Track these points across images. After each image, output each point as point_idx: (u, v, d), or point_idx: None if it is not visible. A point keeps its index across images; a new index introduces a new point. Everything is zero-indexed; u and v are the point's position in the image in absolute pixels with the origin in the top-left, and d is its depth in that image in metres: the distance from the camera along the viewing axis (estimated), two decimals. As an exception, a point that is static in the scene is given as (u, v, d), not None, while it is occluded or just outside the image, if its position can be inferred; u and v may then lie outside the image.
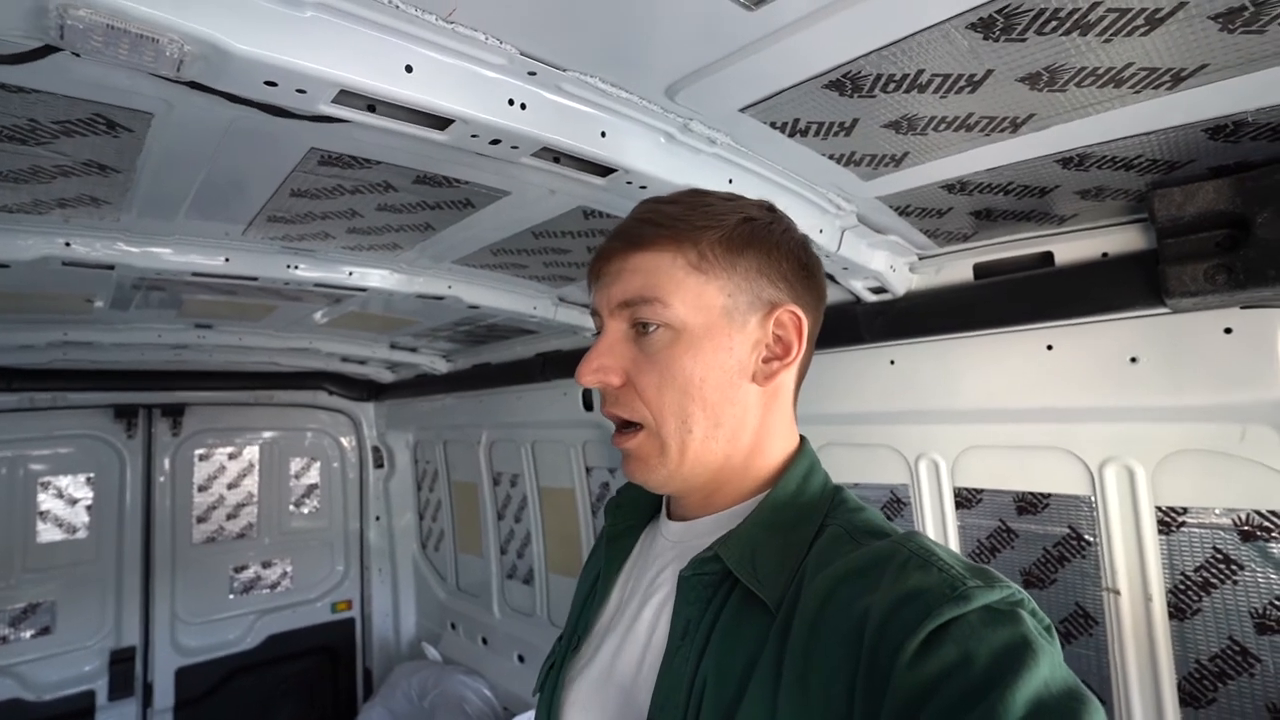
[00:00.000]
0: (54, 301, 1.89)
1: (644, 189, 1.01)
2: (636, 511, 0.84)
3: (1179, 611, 1.23)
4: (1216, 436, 1.17)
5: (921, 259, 1.49)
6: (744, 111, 0.91)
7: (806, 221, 1.16)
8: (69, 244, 1.33)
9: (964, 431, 1.50)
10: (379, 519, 3.90)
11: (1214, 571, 1.19)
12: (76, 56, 0.69)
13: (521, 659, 3.02)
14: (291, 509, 3.67)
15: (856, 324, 1.54)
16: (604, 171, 0.98)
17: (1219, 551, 1.18)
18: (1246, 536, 1.16)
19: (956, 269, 1.44)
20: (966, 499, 1.53)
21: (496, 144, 0.87)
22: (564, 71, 0.82)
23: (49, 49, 0.69)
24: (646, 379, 0.67)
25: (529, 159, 0.92)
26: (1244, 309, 1.09)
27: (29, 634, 2.89)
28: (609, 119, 0.91)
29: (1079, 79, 0.80)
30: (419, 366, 3.14)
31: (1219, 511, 1.18)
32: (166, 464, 3.31)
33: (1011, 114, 0.89)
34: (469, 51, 0.77)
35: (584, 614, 0.82)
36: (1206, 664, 1.20)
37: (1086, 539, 1.35)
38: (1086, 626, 1.35)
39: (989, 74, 0.80)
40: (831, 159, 1.06)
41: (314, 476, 3.76)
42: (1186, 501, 1.22)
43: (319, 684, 3.67)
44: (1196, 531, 1.21)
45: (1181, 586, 1.23)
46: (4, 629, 2.84)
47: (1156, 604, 1.24)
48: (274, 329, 2.52)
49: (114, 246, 1.38)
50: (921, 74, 0.80)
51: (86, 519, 3.07)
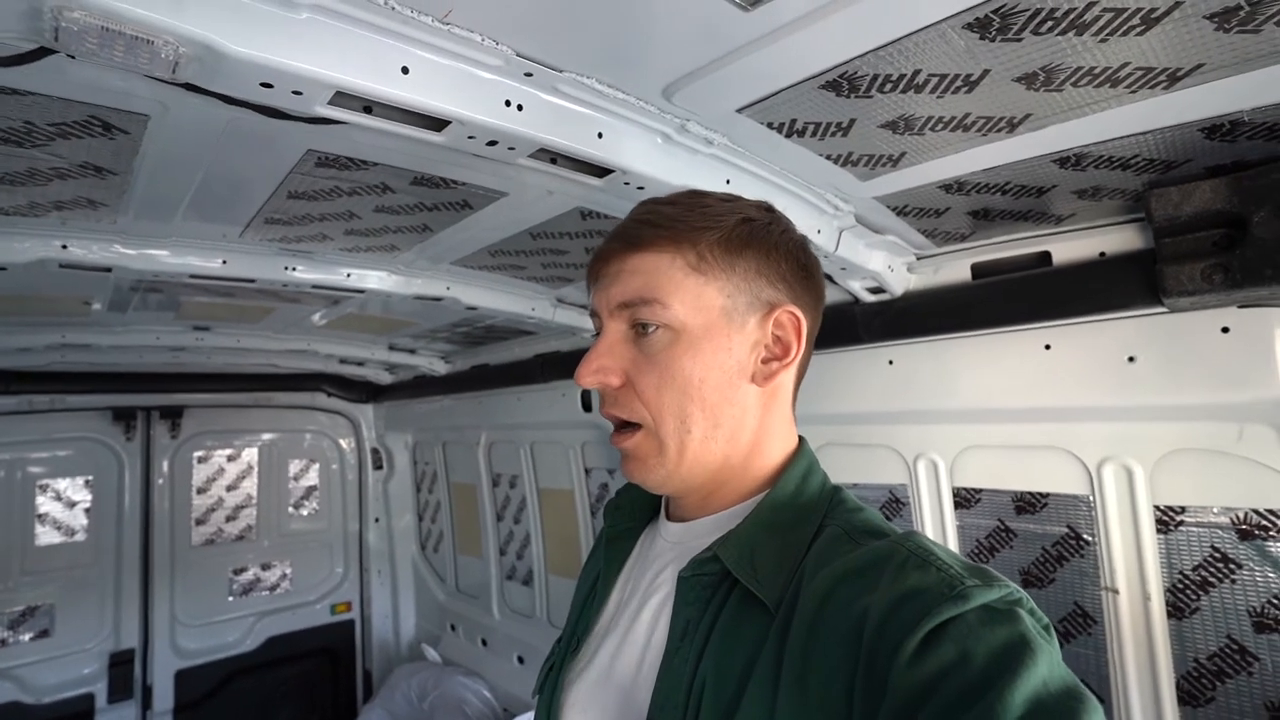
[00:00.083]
0: (52, 304, 1.89)
1: (641, 190, 1.00)
2: (635, 513, 0.84)
3: (1177, 610, 1.23)
4: (1214, 435, 1.17)
5: (919, 259, 1.49)
6: (741, 112, 0.91)
7: (804, 222, 1.16)
8: (66, 246, 1.32)
9: (962, 431, 1.50)
10: (378, 520, 3.90)
11: (1212, 570, 1.19)
12: (72, 59, 0.70)
13: (521, 660, 3.02)
14: (290, 511, 3.67)
15: (855, 324, 1.54)
16: (601, 172, 0.98)
17: (1217, 550, 1.19)
18: (1244, 535, 1.16)
19: (954, 269, 1.44)
20: (965, 499, 1.53)
21: (493, 145, 0.87)
22: (560, 72, 0.82)
23: (44, 51, 0.69)
24: (646, 380, 0.67)
25: (526, 160, 0.92)
26: (1241, 308, 1.09)
27: (28, 637, 2.88)
28: (606, 120, 0.91)
29: (1075, 79, 0.80)
30: (417, 368, 3.14)
31: (1217, 510, 1.19)
32: (165, 466, 3.31)
33: (1008, 114, 0.89)
34: (465, 53, 0.77)
35: (583, 615, 0.82)
36: (1205, 663, 1.20)
37: (1085, 538, 1.35)
38: (1085, 626, 1.35)
39: (985, 74, 0.80)
40: (829, 159, 1.06)
41: (313, 478, 3.76)
42: (1185, 501, 1.22)
43: (319, 686, 3.66)
44: (1195, 530, 1.21)
45: (1180, 585, 1.23)
46: (3, 632, 2.83)
47: (1155, 603, 1.25)
48: (272, 331, 2.51)
49: (111, 249, 1.38)
50: (918, 74, 0.80)
51: (85, 521, 3.07)
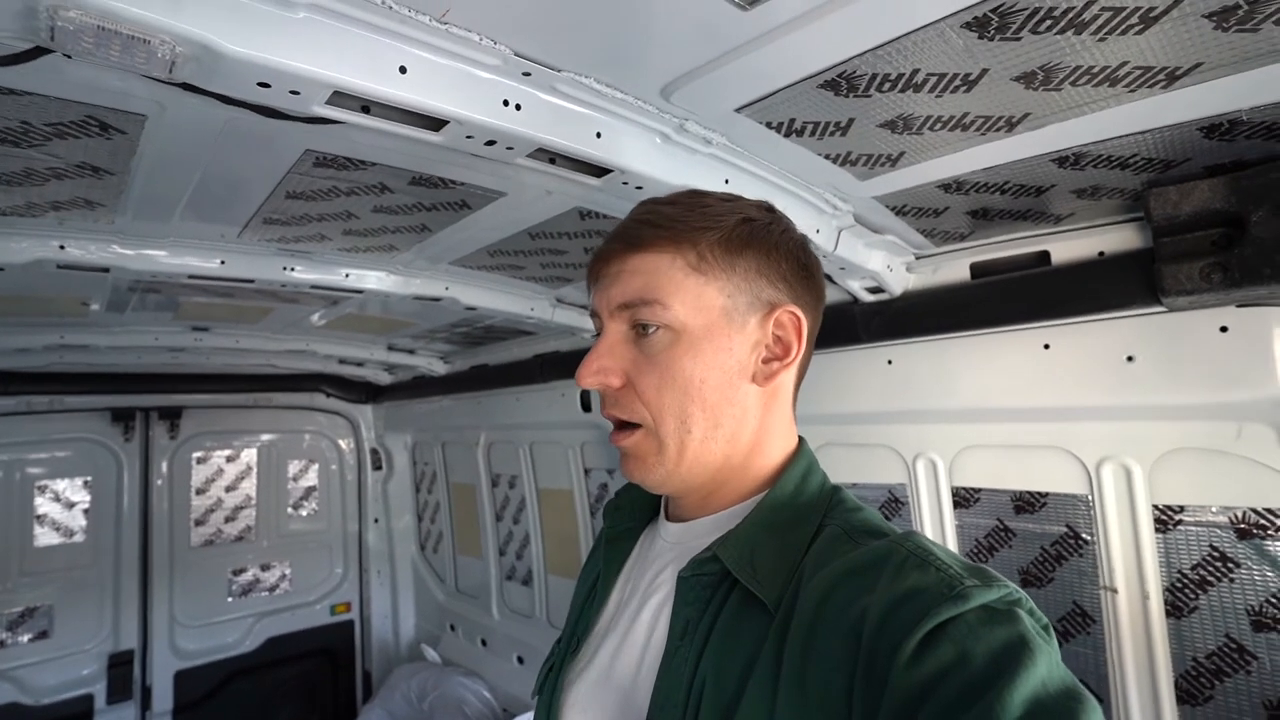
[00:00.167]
0: (50, 304, 1.89)
1: (640, 189, 1.00)
2: (635, 513, 0.84)
3: (1176, 609, 1.23)
4: (1213, 435, 1.17)
5: (918, 259, 1.49)
6: (740, 112, 0.91)
7: (803, 221, 1.16)
8: (63, 247, 1.32)
9: (961, 431, 1.50)
10: (377, 521, 3.90)
11: (1211, 569, 1.19)
12: (68, 58, 0.69)
13: (521, 660, 3.02)
14: (290, 511, 3.66)
15: (854, 324, 1.54)
16: (600, 172, 0.98)
17: (1216, 549, 1.19)
18: (1243, 534, 1.16)
19: (953, 268, 1.44)
20: (964, 498, 1.53)
21: (491, 145, 0.87)
22: (558, 72, 0.82)
23: (40, 51, 0.69)
24: (646, 380, 0.67)
25: (524, 160, 0.92)
26: (1240, 307, 1.09)
27: (27, 638, 2.88)
28: (604, 119, 0.91)
29: (1074, 78, 0.80)
30: (417, 368, 3.14)
31: (1215, 510, 1.19)
32: (164, 467, 3.30)
33: (1007, 113, 0.89)
34: (463, 52, 0.76)
35: (583, 616, 0.82)
36: (1203, 661, 1.20)
37: (1084, 538, 1.35)
38: (1084, 625, 1.35)
39: (984, 73, 0.80)
40: (827, 159, 1.06)
41: (312, 479, 3.76)
42: (1183, 500, 1.22)
43: (318, 686, 3.66)
44: (1193, 530, 1.21)
45: (1178, 584, 1.23)
46: (2, 633, 2.83)
47: (1154, 602, 1.25)
48: (271, 331, 2.51)
49: (109, 249, 1.37)
50: (917, 73, 0.80)
51: (84, 522, 3.07)
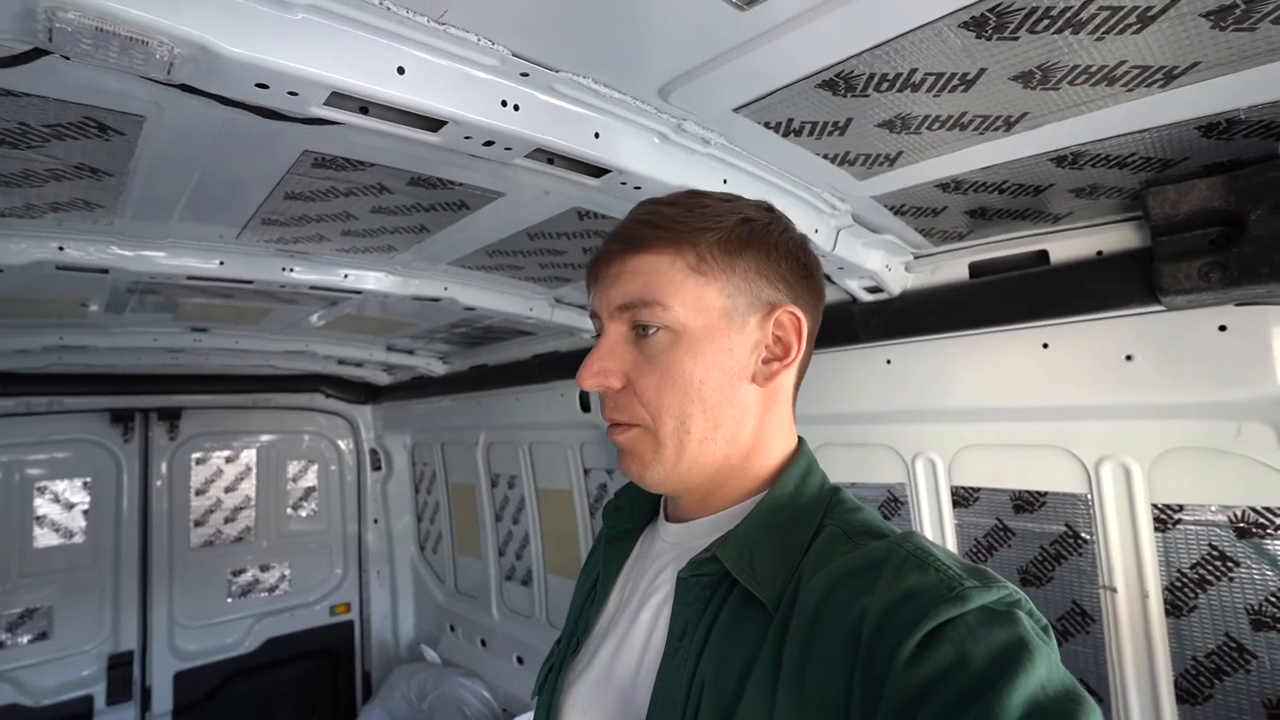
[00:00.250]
0: (48, 305, 1.89)
1: (638, 190, 1.00)
2: (634, 514, 0.84)
3: (1175, 609, 1.23)
4: (1212, 434, 1.17)
5: (917, 258, 1.49)
6: (737, 111, 0.91)
7: (802, 221, 1.15)
8: (62, 248, 1.32)
9: (960, 430, 1.50)
10: (377, 521, 3.90)
11: (1210, 568, 1.19)
12: (66, 59, 0.69)
13: (520, 661, 3.02)
14: (289, 512, 3.66)
15: (853, 324, 1.54)
16: (598, 172, 0.98)
17: (1215, 548, 1.19)
18: (1242, 533, 1.16)
19: (952, 268, 1.44)
20: (963, 498, 1.53)
21: (490, 145, 0.87)
22: (556, 72, 0.82)
23: (38, 52, 0.69)
24: (646, 381, 0.67)
25: (523, 160, 0.92)
26: (1238, 306, 1.09)
27: (26, 639, 2.88)
28: (602, 120, 0.91)
29: (1072, 77, 0.80)
30: (416, 369, 3.14)
31: (1215, 508, 1.19)
32: (163, 468, 3.30)
33: (1005, 113, 0.89)
34: (461, 53, 0.76)
35: (582, 616, 0.82)
36: (1203, 661, 1.20)
37: (1083, 537, 1.35)
38: (1084, 624, 1.35)
39: (982, 73, 0.80)
40: (826, 159, 1.06)
41: (311, 479, 3.76)
42: (1182, 499, 1.22)
43: (318, 687, 3.66)
44: (1192, 529, 1.21)
45: (1178, 584, 1.23)
46: (1, 634, 2.83)
47: (1153, 601, 1.25)
48: (270, 332, 2.51)
49: (108, 250, 1.37)
50: (915, 73, 0.80)
51: (83, 523, 3.06)
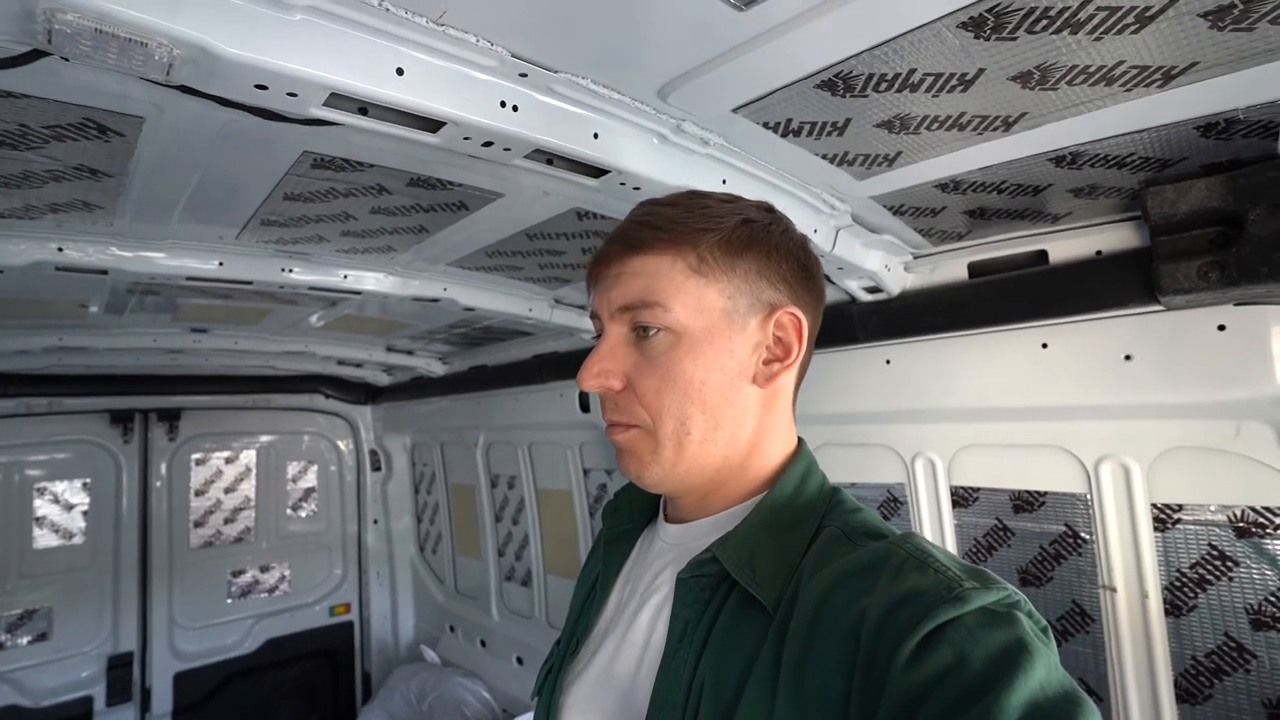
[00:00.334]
0: (48, 306, 1.89)
1: (637, 190, 1.00)
2: (634, 514, 0.84)
3: (1175, 608, 1.23)
4: (1211, 433, 1.17)
5: (916, 258, 1.49)
6: (736, 112, 0.91)
7: (801, 221, 1.15)
8: (61, 249, 1.32)
9: (960, 430, 1.50)
10: (376, 522, 3.90)
11: (1210, 568, 1.19)
12: (65, 61, 0.69)
13: (520, 661, 3.02)
14: (289, 513, 3.66)
15: (852, 324, 1.54)
16: (597, 173, 0.98)
17: (1214, 548, 1.19)
18: (1241, 533, 1.16)
19: (951, 268, 1.44)
20: (963, 498, 1.53)
21: (489, 146, 0.87)
22: (555, 73, 0.82)
23: (38, 53, 0.69)
24: (647, 382, 0.67)
25: (522, 161, 0.92)
26: (1237, 306, 1.09)
27: (26, 640, 2.88)
28: (601, 120, 0.91)
29: (1070, 77, 0.80)
30: (415, 369, 3.14)
31: (1214, 508, 1.19)
32: (163, 468, 3.30)
33: (1003, 113, 0.89)
34: (460, 54, 0.76)
35: (582, 617, 0.81)
36: (1203, 660, 1.20)
37: (1083, 537, 1.35)
38: (1083, 624, 1.35)
39: (980, 73, 0.80)
40: (825, 159, 1.06)
41: (311, 480, 3.76)
42: (1182, 498, 1.22)
43: (318, 688, 3.66)
44: (1192, 528, 1.21)
45: (1177, 583, 1.23)
46: (1, 635, 2.83)
47: (1153, 601, 1.25)
48: (270, 332, 2.51)
49: (107, 251, 1.37)
50: (913, 73, 0.80)
51: (83, 524, 3.06)
